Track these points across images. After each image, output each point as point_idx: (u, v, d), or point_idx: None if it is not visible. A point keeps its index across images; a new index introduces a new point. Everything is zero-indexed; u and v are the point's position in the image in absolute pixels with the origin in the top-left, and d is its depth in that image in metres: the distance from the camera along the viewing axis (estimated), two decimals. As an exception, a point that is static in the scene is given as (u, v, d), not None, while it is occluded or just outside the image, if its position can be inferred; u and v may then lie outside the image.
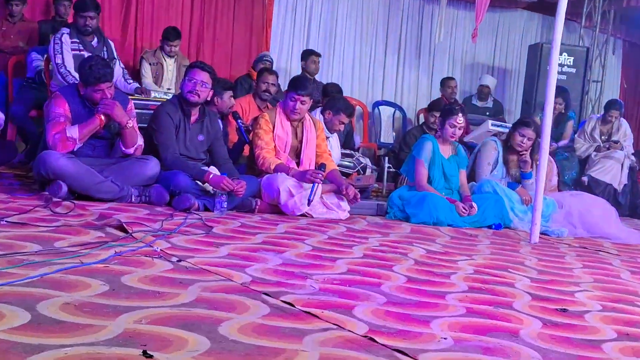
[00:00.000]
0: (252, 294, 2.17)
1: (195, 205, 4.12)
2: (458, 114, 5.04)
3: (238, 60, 7.73)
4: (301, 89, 4.68)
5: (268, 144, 4.66)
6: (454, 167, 5.16)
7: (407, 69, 9.08)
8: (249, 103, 5.95)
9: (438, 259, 3.31)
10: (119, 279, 2.17)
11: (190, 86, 4.39)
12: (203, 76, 4.42)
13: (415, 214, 4.84)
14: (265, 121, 4.70)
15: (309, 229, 3.89)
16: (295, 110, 4.68)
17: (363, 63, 8.79)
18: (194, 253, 2.75)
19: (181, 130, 4.46)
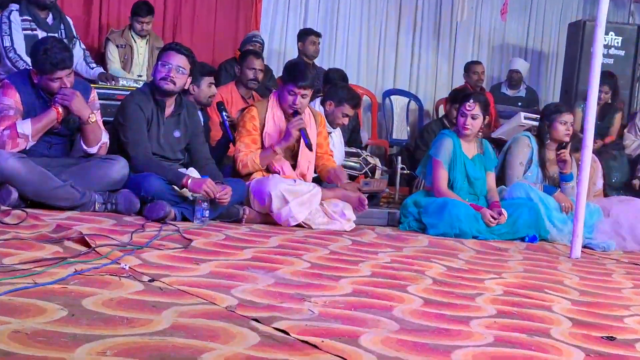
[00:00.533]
0: (239, 319, 2.17)
1: (171, 214, 4.12)
2: (469, 100, 5.05)
3: (222, 42, 7.75)
4: (302, 80, 4.68)
5: (249, 146, 4.67)
6: (480, 169, 5.16)
7: (423, 51, 9.09)
8: (231, 92, 5.96)
9: (461, 277, 3.31)
10: (80, 303, 2.17)
11: (163, 72, 4.39)
12: (179, 60, 4.42)
13: (434, 224, 4.84)
14: (251, 117, 4.71)
15: (307, 242, 3.89)
16: (295, 106, 4.68)
17: (371, 45, 8.80)
18: (169, 271, 2.75)
19: (154, 124, 4.46)
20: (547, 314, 2.69)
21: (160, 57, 4.44)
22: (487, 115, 5.14)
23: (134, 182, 4.26)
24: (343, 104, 5.43)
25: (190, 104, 4.69)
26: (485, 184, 5.19)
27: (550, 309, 2.79)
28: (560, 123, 5.39)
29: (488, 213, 4.93)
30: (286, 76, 4.82)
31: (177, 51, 4.44)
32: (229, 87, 6.01)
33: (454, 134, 5.16)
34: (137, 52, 6.53)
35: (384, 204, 5.85)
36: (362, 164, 5.94)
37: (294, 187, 4.54)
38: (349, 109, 5.45)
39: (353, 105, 5.48)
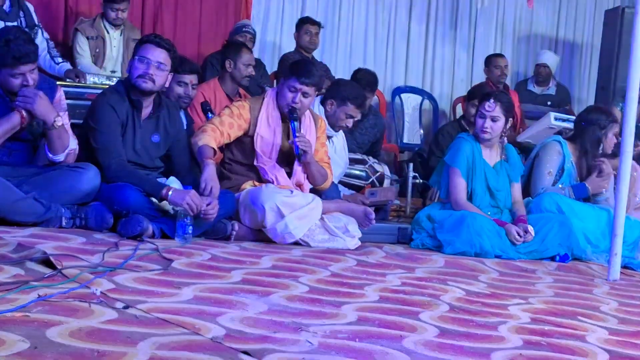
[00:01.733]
0: (226, 352, 2.17)
1: (149, 230, 4.13)
2: (488, 99, 5.06)
3: (209, 33, 7.75)
4: (305, 76, 4.68)
5: (223, 124, 4.62)
6: (503, 178, 5.17)
7: (439, 43, 9.11)
8: (214, 90, 5.96)
9: (482, 303, 3.31)
10: (44, 333, 2.17)
11: (141, 69, 4.40)
12: (159, 55, 4.43)
13: (451, 241, 4.84)
14: (240, 106, 4.72)
15: (305, 263, 3.89)
16: (294, 105, 4.69)
17: (379, 36, 8.82)
18: (146, 296, 2.75)
19: (129, 128, 4.47)
20: (581, 345, 2.69)
21: (137, 52, 4.45)
22: (510, 117, 5.14)
23: (106, 194, 4.26)
24: (346, 103, 5.41)
25: (171, 104, 4.70)
26: (509, 195, 5.18)
27: (584, 339, 2.79)
28: (613, 134, 5.38)
29: (513, 229, 4.93)
30: (288, 70, 4.83)
31: (157, 45, 4.44)
32: (212, 84, 6.00)
33: (473, 138, 5.16)
34: (110, 45, 6.53)
35: (393, 218, 5.85)
36: (368, 173, 5.95)
37: (290, 199, 4.54)
38: (353, 109, 5.43)
39: (358, 104, 5.46)
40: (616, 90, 8.04)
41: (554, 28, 9.64)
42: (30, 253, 3.20)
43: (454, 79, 9.17)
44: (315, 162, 4.82)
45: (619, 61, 8.18)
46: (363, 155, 6.12)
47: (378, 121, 6.53)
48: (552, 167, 5.42)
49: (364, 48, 8.72)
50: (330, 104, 5.43)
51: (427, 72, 9.07)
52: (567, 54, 9.62)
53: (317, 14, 8.22)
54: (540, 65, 8.65)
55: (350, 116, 5.44)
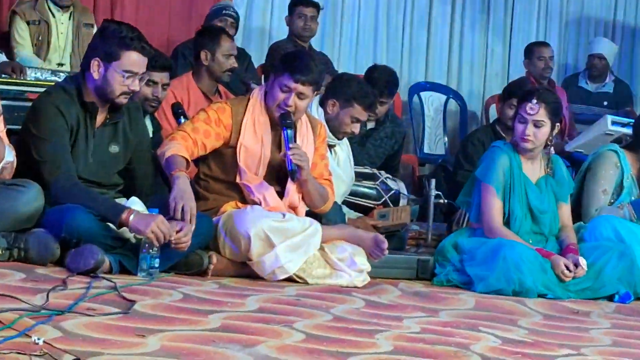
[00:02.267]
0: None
1: (105, 264, 4.12)
2: (530, 99, 5.07)
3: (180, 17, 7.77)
4: (301, 72, 4.69)
5: (196, 131, 4.63)
6: (548, 198, 5.18)
7: (467, 29, 9.14)
8: (188, 88, 5.97)
9: (521, 354, 3.30)
10: (-27, 393, 2.17)
11: (126, 84, 4.41)
12: (143, 64, 4.47)
13: (483, 276, 4.84)
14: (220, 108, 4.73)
15: (301, 304, 3.89)
16: (287, 108, 4.70)
17: (393, 21, 8.84)
18: (102, 347, 2.74)
19: (81, 137, 4.47)
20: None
21: (115, 56, 4.43)
22: (557, 122, 5.15)
23: (51, 219, 4.25)
24: (352, 103, 5.41)
25: (133, 107, 4.70)
26: (556, 219, 5.19)
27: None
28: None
29: (561, 262, 4.93)
30: (280, 65, 4.83)
31: (143, 52, 4.46)
32: (184, 81, 6.01)
33: (511, 147, 5.17)
34: (56, 32, 6.54)
35: (411, 248, 5.85)
36: (380, 191, 5.95)
37: (282, 225, 4.55)
38: (360, 110, 5.43)
39: (367, 104, 5.46)
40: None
41: (611, 10, 9.67)
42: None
43: (486, 74, 9.20)
44: (313, 180, 4.82)
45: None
46: (373, 169, 6.11)
47: (396, 130, 6.51)
48: (608, 184, 5.43)
49: (374, 36, 8.74)
50: (331, 105, 5.44)
51: (452, 65, 9.09)
52: (627, 43, 9.65)
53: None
54: (594, 57, 8.67)
55: (356, 120, 5.44)
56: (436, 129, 8.65)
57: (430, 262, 5.17)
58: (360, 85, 5.56)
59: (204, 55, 5.98)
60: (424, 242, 5.99)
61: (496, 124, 6.75)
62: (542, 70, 8.09)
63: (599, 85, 8.67)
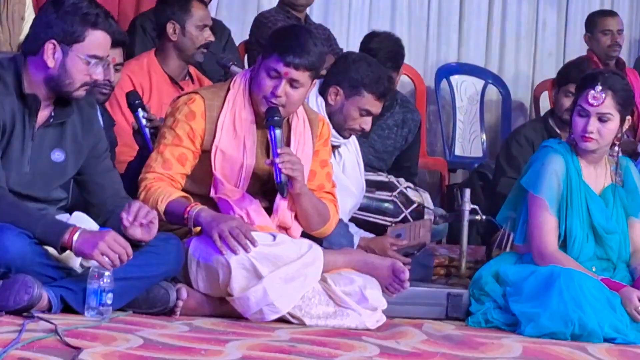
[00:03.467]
0: None
1: (44, 299, 4.13)
2: (593, 86, 5.08)
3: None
4: (295, 53, 4.72)
5: (168, 164, 4.71)
6: (618, 213, 5.21)
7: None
8: (149, 71, 6.00)
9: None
10: None
11: (94, 73, 4.44)
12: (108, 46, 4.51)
13: (534, 314, 4.87)
14: (189, 112, 4.75)
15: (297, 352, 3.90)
16: (276, 99, 4.72)
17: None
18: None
19: (15, 139, 4.47)
20: None
21: (78, 38, 4.44)
22: (627, 115, 5.17)
23: (-27, 242, 4.28)
24: (360, 91, 5.42)
25: (87, 103, 4.70)
26: (626, 240, 5.22)
27: None
28: None
29: (635, 295, 4.95)
30: (269, 44, 4.84)
31: (108, 31, 4.48)
32: (144, 62, 6.06)
33: (568, 147, 5.20)
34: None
35: (439, 278, 5.87)
36: (398, 204, 5.97)
37: (272, 250, 4.57)
38: (372, 100, 5.45)
39: (380, 92, 5.48)
40: None
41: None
42: None
43: (536, 53, 9.22)
44: (309, 194, 4.84)
45: None
46: (390, 177, 6.14)
47: (409, 117, 6.54)
48: None
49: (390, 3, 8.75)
50: (334, 94, 5.45)
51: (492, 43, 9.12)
52: None
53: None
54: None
55: (366, 112, 5.45)
56: (471, 125, 8.69)
57: (464, 297, 5.19)
58: (371, 67, 5.55)
59: (170, 28, 6.02)
60: (456, 271, 6.03)
61: (549, 118, 6.79)
62: (608, 47, 8.13)
63: (685, 68, 8.71)
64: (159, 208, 4.55)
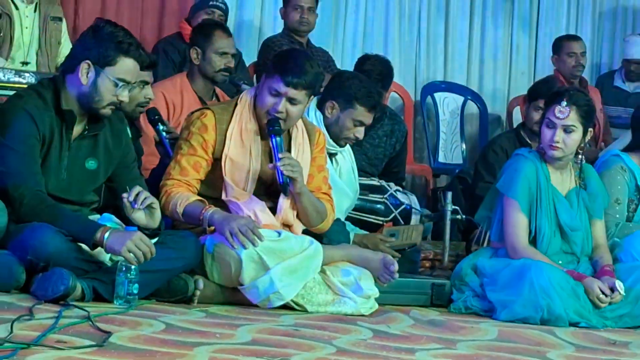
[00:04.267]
0: None
1: (78, 290, 4.13)
2: (559, 101, 5.09)
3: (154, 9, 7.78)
4: (294, 74, 4.73)
5: (185, 172, 4.72)
6: (581, 213, 5.21)
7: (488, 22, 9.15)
8: (182, 91, 6.00)
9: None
10: None
11: (118, 94, 4.44)
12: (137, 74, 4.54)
13: (507, 302, 4.87)
14: (202, 126, 4.76)
15: (300, 335, 3.90)
16: (277, 114, 4.73)
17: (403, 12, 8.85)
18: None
19: (54, 149, 4.49)
20: None
21: (110, 62, 4.42)
22: (589, 126, 5.17)
23: (16, 239, 4.27)
24: (353, 104, 5.43)
25: (117, 119, 4.71)
26: (589, 237, 5.23)
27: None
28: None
29: (596, 285, 4.94)
30: (272, 66, 4.85)
31: (138, 60, 4.51)
32: (177, 82, 6.05)
33: (537, 155, 5.19)
34: (19, 26, 6.56)
35: (425, 270, 5.87)
36: (389, 205, 5.97)
37: (277, 245, 4.58)
38: (364, 112, 5.45)
39: (371, 105, 5.48)
40: None
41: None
42: None
43: (510, 72, 9.19)
44: (308, 194, 4.84)
45: None
46: (381, 181, 6.13)
47: (396, 127, 6.55)
48: (621, 193, 5.47)
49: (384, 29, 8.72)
50: (330, 108, 5.45)
51: (472, 62, 9.09)
52: (671, 35, 9.64)
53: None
54: (631, 62, 8.67)
55: (359, 123, 5.46)
56: (453, 135, 8.67)
57: (446, 287, 5.20)
58: (362, 83, 5.56)
59: (194, 53, 6.04)
60: (440, 264, 6.02)
61: (521, 129, 6.78)
62: (572, 68, 8.12)
63: (638, 85, 8.68)
64: (178, 210, 4.58)
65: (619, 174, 5.50)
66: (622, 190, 5.48)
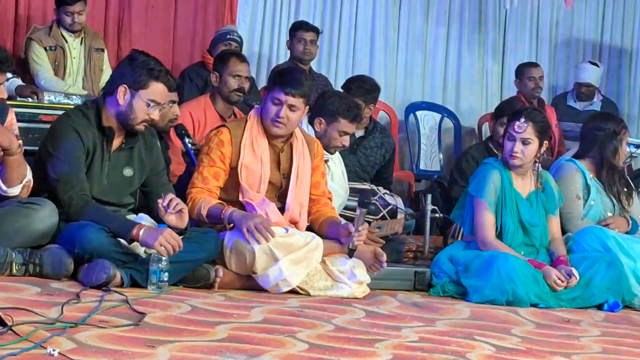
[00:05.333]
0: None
1: (117, 278, 4.14)
2: (518, 118, 5.10)
3: (184, 41, 7.79)
4: (291, 85, 4.74)
5: (207, 181, 4.72)
6: (539, 211, 5.21)
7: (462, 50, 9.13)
8: (205, 109, 6.00)
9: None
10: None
11: (149, 114, 4.46)
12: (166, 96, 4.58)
13: (478, 287, 4.86)
14: (219, 142, 4.74)
15: (304, 315, 3.91)
16: (279, 120, 4.73)
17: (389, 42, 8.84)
18: (114, 358, 2.76)
19: (96, 160, 4.50)
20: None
21: (143, 85, 4.44)
22: (545, 140, 5.17)
23: (65, 235, 4.28)
24: (337, 118, 5.41)
25: (149, 134, 4.72)
26: (546, 232, 5.22)
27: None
28: (627, 143, 5.58)
29: (553, 272, 4.94)
30: (272, 80, 4.87)
31: (167, 84, 4.53)
32: (202, 102, 6.05)
33: (501, 164, 5.19)
34: (69, 56, 6.58)
35: (409, 260, 5.85)
36: (378, 206, 5.95)
37: (285, 239, 4.56)
38: (346, 124, 5.43)
39: (351, 118, 5.47)
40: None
41: (598, 32, 9.66)
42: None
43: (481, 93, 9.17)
44: None
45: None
46: (371, 185, 6.13)
47: (386, 140, 6.54)
48: (578, 189, 5.48)
49: (370, 57, 8.70)
50: (318, 123, 5.45)
51: (448, 84, 9.06)
52: (614, 63, 9.63)
53: (313, 17, 8.23)
54: (582, 85, 8.66)
55: (344, 133, 5.45)
56: (431, 147, 8.66)
57: (427, 274, 5.18)
58: (342, 99, 5.56)
59: (213, 77, 6.04)
60: (421, 255, 5.99)
61: (489, 142, 6.75)
62: (532, 90, 8.11)
63: (587, 104, 8.66)
64: (202, 213, 4.58)
65: (576, 175, 5.50)
66: (580, 187, 5.48)
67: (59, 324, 3.14)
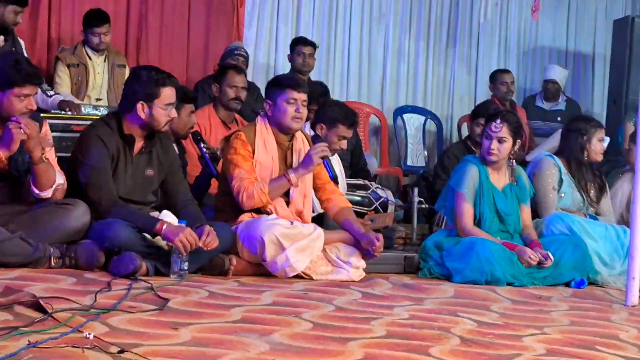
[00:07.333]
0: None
1: (143, 268, 4.15)
2: (494, 120, 5.11)
3: (198, 57, 7.79)
4: (300, 85, 4.81)
5: (250, 172, 4.71)
6: (512, 202, 5.22)
7: (441, 60, 9.13)
8: (209, 117, 6.02)
9: (494, 334, 3.33)
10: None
11: (163, 114, 4.48)
12: (175, 94, 4.58)
13: (460, 269, 4.87)
14: (242, 143, 4.74)
15: (308, 297, 3.92)
16: (298, 116, 4.77)
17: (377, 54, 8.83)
18: (142, 339, 2.77)
19: (120, 163, 4.51)
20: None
21: (155, 95, 4.45)
22: (518, 138, 5.18)
23: (96, 231, 4.29)
24: (336, 125, 5.44)
25: (164, 136, 4.73)
26: (519, 219, 5.24)
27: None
28: (599, 140, 5.54)
29: (528, 252, 4.96)
30: (276, 88, 4.86)
31: (172, 85, 4.54)
32: (206, 111, 6.07)
33: (479, 160, 5.21)
34: (93, 72, 6.57)
35: (399, 247, 5.87)
36: (371, 199, 5.96)
37: (291, 231, 4.57)
38: (344, 129, 5.46)
39: (349, 124, 5.49)
40: (628, 104, 8.06)
41: (562, 40, 9.66)
42: (18, 297, 3.20)
43: (458, 97, 9.17)
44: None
45: (630, 73, 8.20)
46: (365, 181, 6.15)
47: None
48: (554, 181, 5.50)
49: (359, 67, 8.71)
50: (319, 129, 5.48)
51: (429, 90, 9.05)
52: (577, 67, 9.63)
53: (311, 34, 8.25)
54: (548, 82, 8.67)
55: (342, 137, 5.48)
56: (417, 145, 8.66)
57: (415, 259, 5.20)
58: (341, 108, 5.58)
59: (215, 88, 6.09)
60: (410, 242, 6.01)
61: (467, 140, 6.76)
62: (504, 93, 8.11)
63: (553, 105, 8.67)
64: (263, 190, 4.62)
65: (553, 169, 5.52)
66: (556, 180, 5.51)
67: (93, 310, 3.15)
